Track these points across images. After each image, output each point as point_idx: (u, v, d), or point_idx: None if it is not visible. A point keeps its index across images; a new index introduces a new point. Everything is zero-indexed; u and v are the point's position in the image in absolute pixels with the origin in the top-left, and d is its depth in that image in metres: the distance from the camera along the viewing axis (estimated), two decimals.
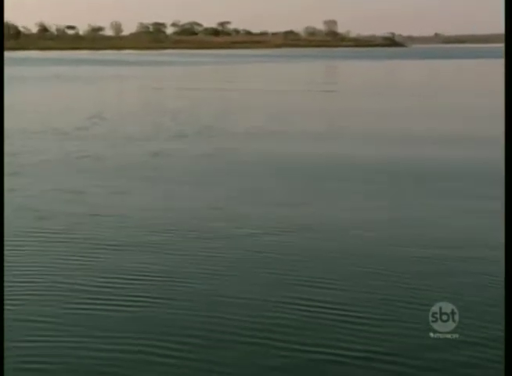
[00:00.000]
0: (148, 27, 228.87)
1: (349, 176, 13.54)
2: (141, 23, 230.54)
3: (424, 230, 9.51)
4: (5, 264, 6.56)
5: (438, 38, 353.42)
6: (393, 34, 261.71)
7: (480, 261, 8.12)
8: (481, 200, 11.31)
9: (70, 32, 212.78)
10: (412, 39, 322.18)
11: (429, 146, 17.56)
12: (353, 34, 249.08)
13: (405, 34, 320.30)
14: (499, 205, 8.97)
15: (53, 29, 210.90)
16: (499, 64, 35.80)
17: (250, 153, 16.46)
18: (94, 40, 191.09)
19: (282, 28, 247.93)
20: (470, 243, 8.90)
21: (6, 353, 5.46)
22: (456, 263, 8.04)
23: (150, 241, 9.02)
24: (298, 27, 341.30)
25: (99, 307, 6.84)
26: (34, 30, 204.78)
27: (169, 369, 5.58)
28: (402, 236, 9.29)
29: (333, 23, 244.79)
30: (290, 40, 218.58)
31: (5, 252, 7.17)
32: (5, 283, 6.28)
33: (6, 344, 5.56)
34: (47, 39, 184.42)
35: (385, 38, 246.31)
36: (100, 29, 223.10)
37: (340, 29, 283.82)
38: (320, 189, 12.24)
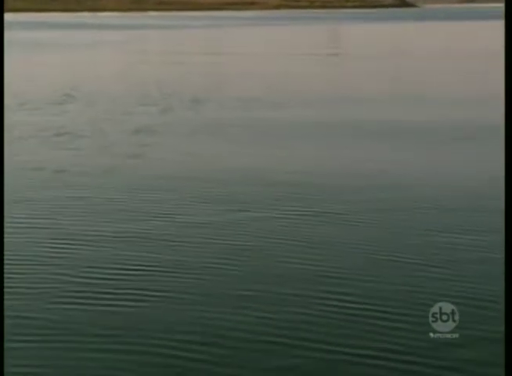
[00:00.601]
0: None
1: (351, 142, 14.06)
2: None
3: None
4: None
5: None
6: None
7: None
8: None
9: None
10: None
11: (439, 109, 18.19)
12: None
13: None
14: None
15: None
16: None
17: (247, 123, 16.84)
18: (68, 1, 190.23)
19: None
20: None
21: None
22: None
23: (141, 227, 9.31)
24: None
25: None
26: None
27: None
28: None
29: None
30: (288, 0, 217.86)
31: None
32: None
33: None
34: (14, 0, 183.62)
35: None
36: None
37: None
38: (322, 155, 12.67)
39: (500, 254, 7.85)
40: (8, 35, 60.14)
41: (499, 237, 8.44)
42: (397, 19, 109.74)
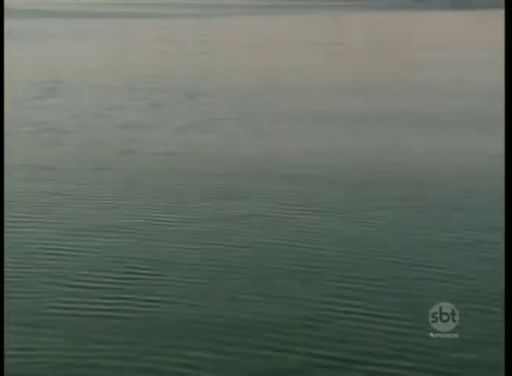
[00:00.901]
0: None
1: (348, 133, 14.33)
2: None
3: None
4: None
5: None
6: None
7: None
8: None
9: None
10: None
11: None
12: None
13: None
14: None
15: None
16: None
17: (244, 116, 17.03)
18: None
19: None
20: None
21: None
22: None
23: (132, 223, 9.45)
24: None
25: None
26: None
27: None
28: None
29: None
30: None
31: None
32: None
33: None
34: None
35: None
36: None
37: None
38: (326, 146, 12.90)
39: (501, 254, 8.08)
40: None
41: (501, 236, 8.67)
42: (401, 8, 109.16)
